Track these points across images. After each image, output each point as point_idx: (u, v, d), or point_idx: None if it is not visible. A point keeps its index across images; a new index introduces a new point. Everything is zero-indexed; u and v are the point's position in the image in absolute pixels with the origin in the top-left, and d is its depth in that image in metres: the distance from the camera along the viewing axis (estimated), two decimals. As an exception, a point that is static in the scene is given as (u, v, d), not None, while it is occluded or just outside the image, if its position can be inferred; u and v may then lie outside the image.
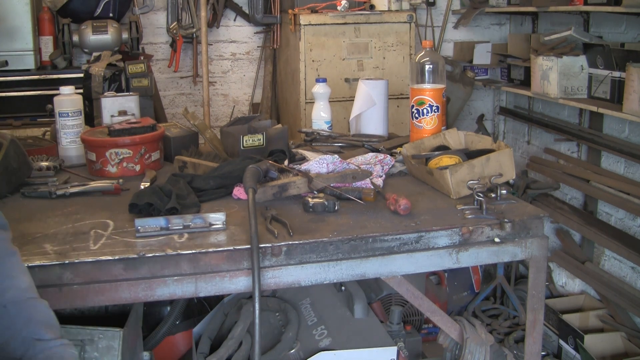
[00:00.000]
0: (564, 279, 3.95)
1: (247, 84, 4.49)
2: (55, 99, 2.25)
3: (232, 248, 1.53)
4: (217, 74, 4.41)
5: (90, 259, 1.46)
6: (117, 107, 2.46)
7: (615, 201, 3.48)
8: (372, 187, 1.88)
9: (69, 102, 2.24)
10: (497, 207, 1.78)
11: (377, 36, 3.78)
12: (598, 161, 3.74)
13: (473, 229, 1.67)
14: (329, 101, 2.62)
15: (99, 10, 3.64)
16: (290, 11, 3.84)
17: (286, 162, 2.03)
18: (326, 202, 1.74)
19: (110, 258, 1.47)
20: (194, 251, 1.51)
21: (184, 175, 1.94)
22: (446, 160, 1.95)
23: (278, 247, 1.55)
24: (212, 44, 4.31)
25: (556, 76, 3.48)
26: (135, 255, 1.48)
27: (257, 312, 1.47)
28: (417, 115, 2.23)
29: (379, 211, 1.76)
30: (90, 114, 2.86)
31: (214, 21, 4.28)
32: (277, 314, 2.12)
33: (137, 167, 2.12)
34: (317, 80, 2.65)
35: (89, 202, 1.86)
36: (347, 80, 3.75)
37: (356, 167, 1.97)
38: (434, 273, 3.82)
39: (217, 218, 1.63)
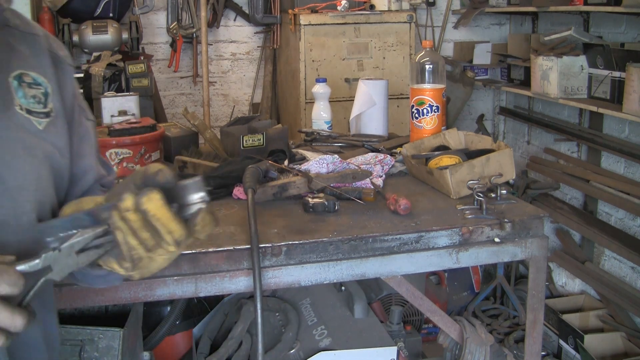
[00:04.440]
0: (564, 279, 3.95)
1: (247, 84, 4.49)
2: (56, 99, 2.25)
3: (232, 248, 1.53)
4: (217, 74, 4.41)
5: (90, 259, 1.46)
6: (117, 107, 2.46)
7: (615, 201, 3.48)
8: (372, 187, 1.88)
9: (69, 102, 2.23)
10: (497, 207, 1.78)
11: (377, 36, 3.78)
12: (598, 161, 3.74)
13: (473, 229, 1.67)
14: (329, 101, 2.62)
15: (99, 10, 3.63)
16: (290, 11, 3.84)
17: (286, 162, 2.03)
18: (326, 202, 1.74)
19: (110, 258, 1.47)
20: (193, 251, 1.51)
21: (184, 175, 1.94)
22: (446, 160, 1.95)
23: (278, 247, 1.55)
24: (212, 44, 4.31)
25: (556, 76, 3.48)
26: (135, 255, 1.48)
27: (259, 312, 1.47)
28: (417, 115, 2.23)
29: (379, 211, 1.76)
30: (90, 114, 2.86)
31: (214, 21, 4.28)
32: (277, 314, 2.12)
33: (137, 167, 2.12)
34: (317, 80, 2.65)
35: (89, 202, 1.85)
36: (347, 80, 3.75)
37: (356, 167, 1.97)
38: (434, 273, 3.82)
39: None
